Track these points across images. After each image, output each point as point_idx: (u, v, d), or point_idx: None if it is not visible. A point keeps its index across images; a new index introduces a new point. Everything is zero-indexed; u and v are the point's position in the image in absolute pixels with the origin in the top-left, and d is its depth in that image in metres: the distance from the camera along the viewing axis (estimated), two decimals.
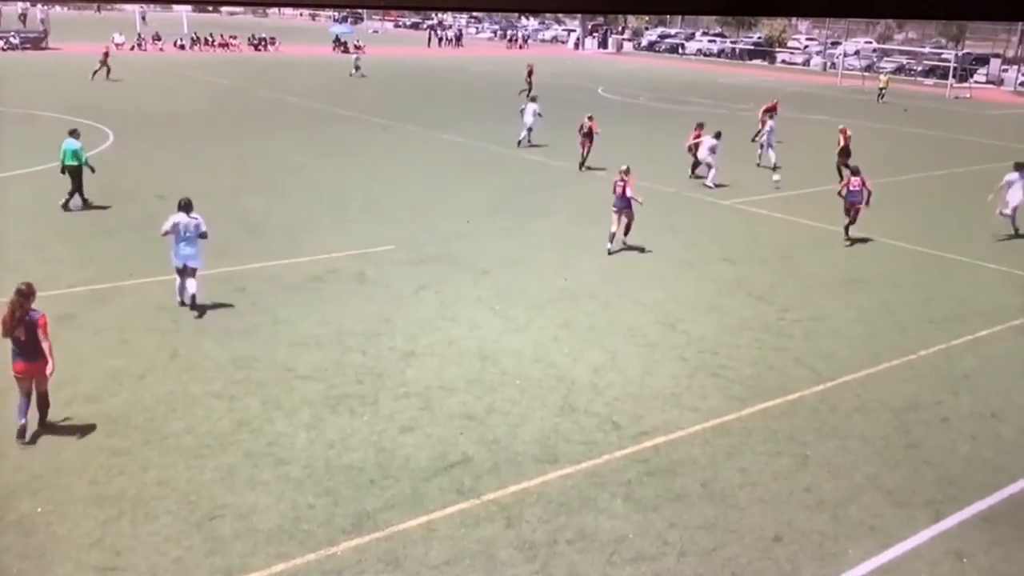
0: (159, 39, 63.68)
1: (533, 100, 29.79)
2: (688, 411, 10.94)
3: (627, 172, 17.63)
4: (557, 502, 8.88)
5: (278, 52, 67.49)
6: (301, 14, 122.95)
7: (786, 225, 20.55)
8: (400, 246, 17.51)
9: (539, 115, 28.87)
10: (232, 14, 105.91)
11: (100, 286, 14.41)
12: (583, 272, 16.36)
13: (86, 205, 19.04)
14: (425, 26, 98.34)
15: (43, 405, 9.88)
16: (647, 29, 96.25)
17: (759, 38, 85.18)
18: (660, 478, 9.40)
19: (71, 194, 18.82)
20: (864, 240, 19.29)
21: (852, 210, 18.99)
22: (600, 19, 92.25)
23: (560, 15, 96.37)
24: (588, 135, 25.70)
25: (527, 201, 21.96)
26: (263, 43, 68.61)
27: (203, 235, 13.34)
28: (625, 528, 8.49)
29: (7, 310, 9.44)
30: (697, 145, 24.91)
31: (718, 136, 24.63)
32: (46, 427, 9.89)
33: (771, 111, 30.93)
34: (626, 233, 17.81)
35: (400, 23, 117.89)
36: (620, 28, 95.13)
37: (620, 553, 8.11)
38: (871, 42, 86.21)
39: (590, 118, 26.00)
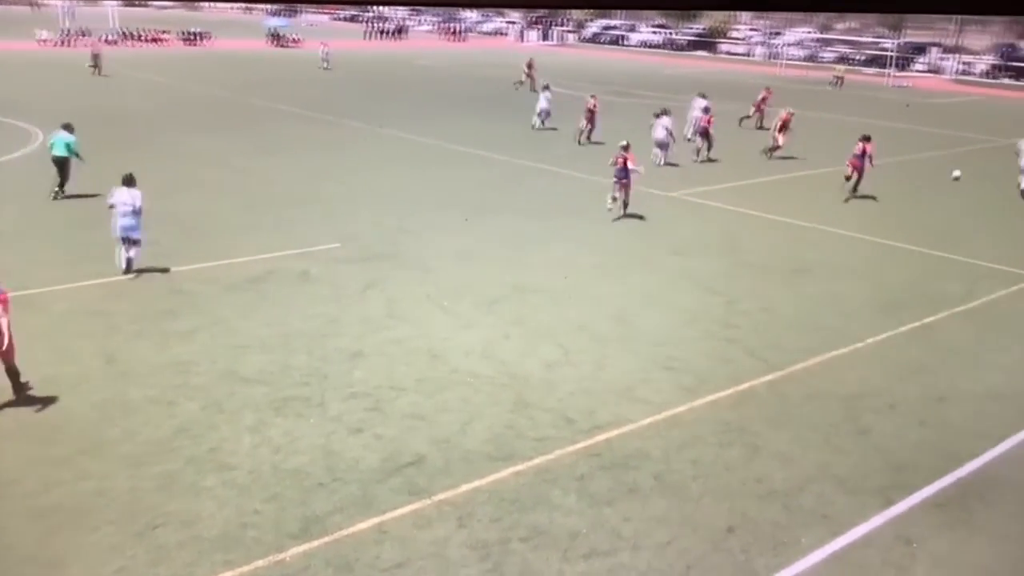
0: (86, 34, 62.15)
1: (546, 88, 33.08)
2: (640, 404, 11.05)
3: (626, 148, 19.61)
4: (510, 500, 8.90)
5: (211, 46, 66.35)
6: (233, 7, 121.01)
7: (733, 216, 20.85)
8: (345, 244, 17.37)
9: (550, 100, 32.36)
10: (162, 8, 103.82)
11: (29, 291, 14.03)
12: (532, 268, 16.41)
13: (57, 197, 19.61)
14: (364, 19, 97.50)
15: (14, 377, 10.40)
16: (589, 21, 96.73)
17: (702, 29, 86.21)
18: (613, 472, 9.48)
19: (61, 183, 19.65)
20: (811, 229, 19.69)
21: (853, 170, 22.63)
22: (542, 11, 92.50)
23: (503, 8, 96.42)
24: (591, 113, 28.65)
25: (474, 197, 21.94)
26: (196, 37, 67.37)
27: (137, 211, 14.58)
28: (579, 524, 8.54)
29: None
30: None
31: (666, 113, 26.49)
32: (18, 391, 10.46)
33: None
34: (626, 200, 19.77)
35: (338, 16, 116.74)
36: (562, 20, 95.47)
37: (574, 549, 8.16)
38: (812, 32, 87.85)
39: (593, 96, 28.44)
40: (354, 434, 10.08)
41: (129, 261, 14.79)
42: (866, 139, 22.98)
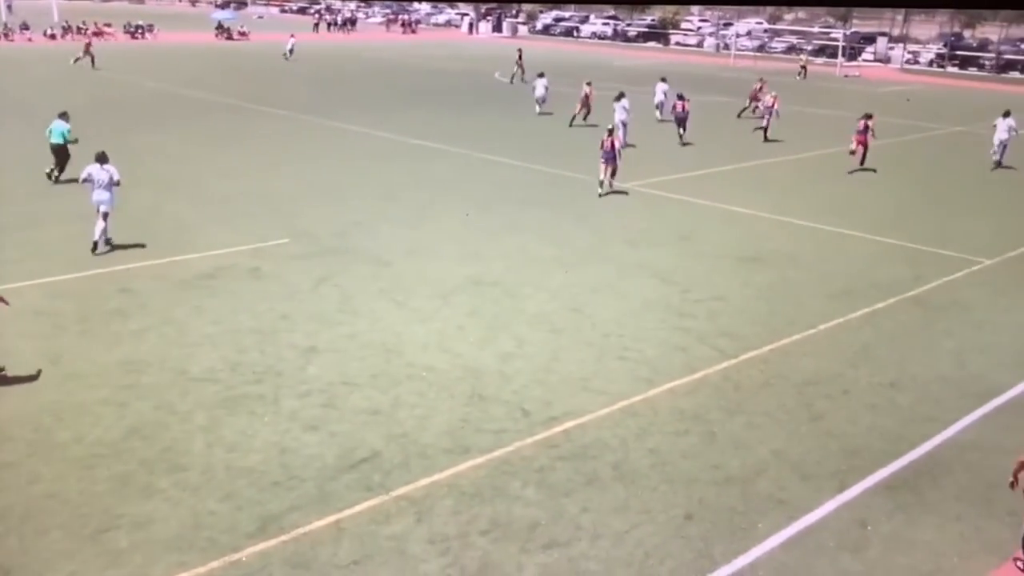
0: (27, 28, 60.66)
1: (541, 76, 34.76)
2: (597, 394, 11.13)
3: (611, 132, 22.13)
4: (469, 493, 8.92)
5: (156, 40, 65.17)
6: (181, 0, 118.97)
7: (686, 206, 21.05)
8: (296, 239, 17.22)
9: (546, 88, 34.31)
10: (105, 0, 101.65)
11: None
12: (487, 259, 16.42)
13: (52, 177, 20.85)
14: (313, 11, 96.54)
15: None
16: (541, 12, 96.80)
17: (652, 20, 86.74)
18: (571, 463, 9.54)
19: (59, 167, 20.81)
20: (763, 218, 19.97)
21: (859, 145, 25.49)
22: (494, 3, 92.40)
23: None
24: (585, 100, 29.53)
25: (427, 190, 21.88)
26: (140, 31, 66.11)
27: (116, 183, 16.11)
28: (538, 515, 8.59)
29: None
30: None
31: (623, 96, 28.15)
32: None
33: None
34: (612, 177, 21.93)
35: (286, 8, 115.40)
36: (515, 11, 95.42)
37: (533, 540, 8.21)
38: (762, 23, 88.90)
39: (588, 84, 29.56)
40: (309, 431, 10.01)
41: (102, 235, 15.99)
42: (867, 116, 25.83)
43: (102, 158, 16.24)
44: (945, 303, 15.03)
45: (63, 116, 20.85)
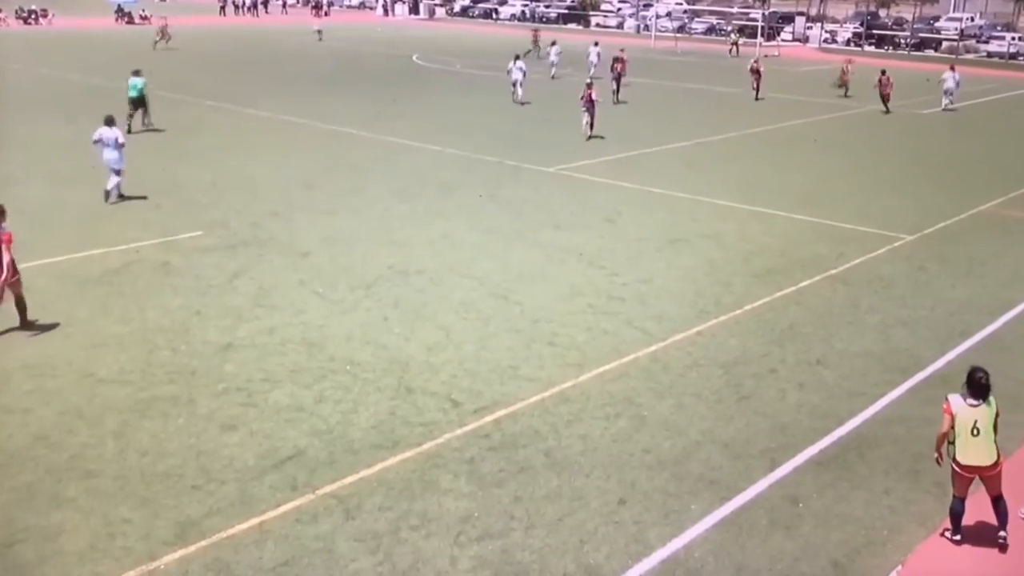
0: None
1: (517, 59, 35.30)
2: (526, 382, 11.16)
3: (590, 84, 27.61)
4: (398, 488, 8.85)
5: (52, 25, 62.90)
6: None
7: (611, 189, 21.24)
8: (208, 232, 16.82)
9: (523, 71, 34.67)
10: None
11: None
12: (410, 247, 16.30)
13: (149, 127, 26.49)
14: None
15: (21, 308, 12.19)
16: None
17: (572, 2, 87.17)
18: (503, 452, 9.54)
19: (131, 117, 25.86)
20: (687, 200, 20.29)
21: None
22: None
23: None
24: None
25: (345, 178, 21.61)
26: (33, 16, 63.75)
27: (121, 144, 18.50)
28: (470, 507, 8.57)
29: None
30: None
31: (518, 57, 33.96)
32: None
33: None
34: (591, 128, 27.04)
35: None
36: None
37: (466, 533, 8.19)
38: (682, 3, 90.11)
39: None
40: (227, 431, 9.80)
41: (115, 188, 18.65)
42: (883, 72, 35.88)
43: (110, 121, 18.69)
44: (868, 279, 15.49)
45: (137, 73, 26.38)
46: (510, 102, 34.43)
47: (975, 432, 7.96)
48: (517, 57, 35.33)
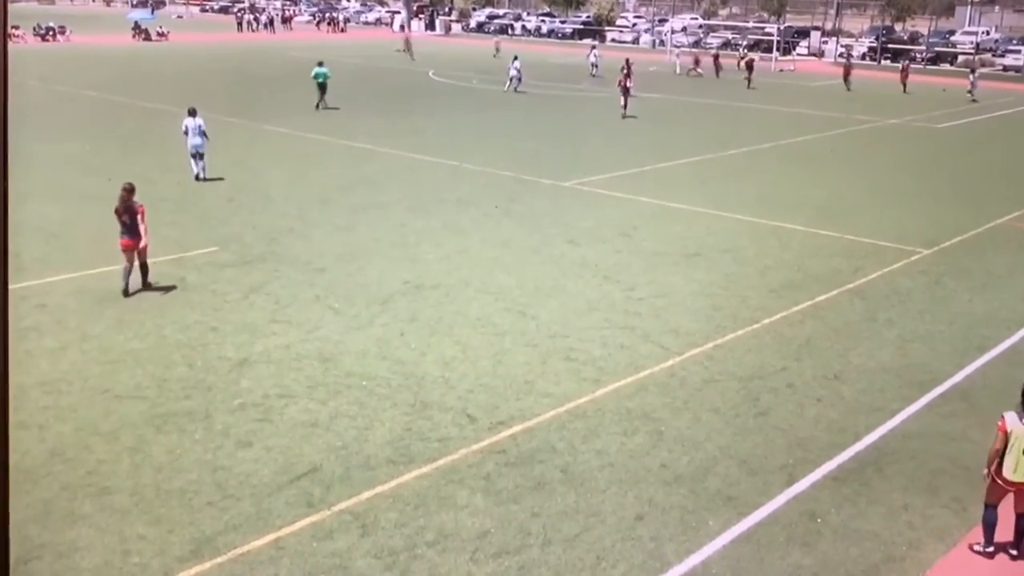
0: None
1: (515, 59, 43.17)
2: (542, 397, 11.13)
3: (623, 69, 35.57)
4: (414, 504, 8.83)
5: (69, 42, 63.59)
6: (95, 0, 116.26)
7: (626, 203, 21.22)
8: (224, 247, 16.90)
9: (519, 70, 42.10)
10: (14, 0, 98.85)
11: None
12: (426, 263, 16.33)
13: (325, 106, 34.45)
14: (236, 10, 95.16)
15: (144, 270, 14.44)
16: (475, 10, 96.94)
17: (588, 17, 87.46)
18: (519, 468, 9.51)
19: (321, 98, 34.49)
20: (703, 214, 20.24)
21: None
22: (426, 0, 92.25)
23: None
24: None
25: (361, 193, 21.68)
26: (51, 33, 64.46)
27: (204, 133, 22.07)
28: (486, 523, 8.54)
29: (119, 201, 14.15)
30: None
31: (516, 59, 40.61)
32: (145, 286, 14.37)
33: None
34: (625, 108, 34.32)
35: (207, 7, 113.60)
36: (447, 9, 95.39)
37: (482, 549, 8.16)
38: (697, 18, 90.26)
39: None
40: (243, 447, 9.81)
41: (202, 170, 22.26)
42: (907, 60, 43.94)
43: (193, 112, 22.02)
44: (885, 293, 15.39)
45: (321, 64, 34.57)
46: (526, 117, 34.55)
47: None
48: (515, 58, 43.19)
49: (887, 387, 11.77)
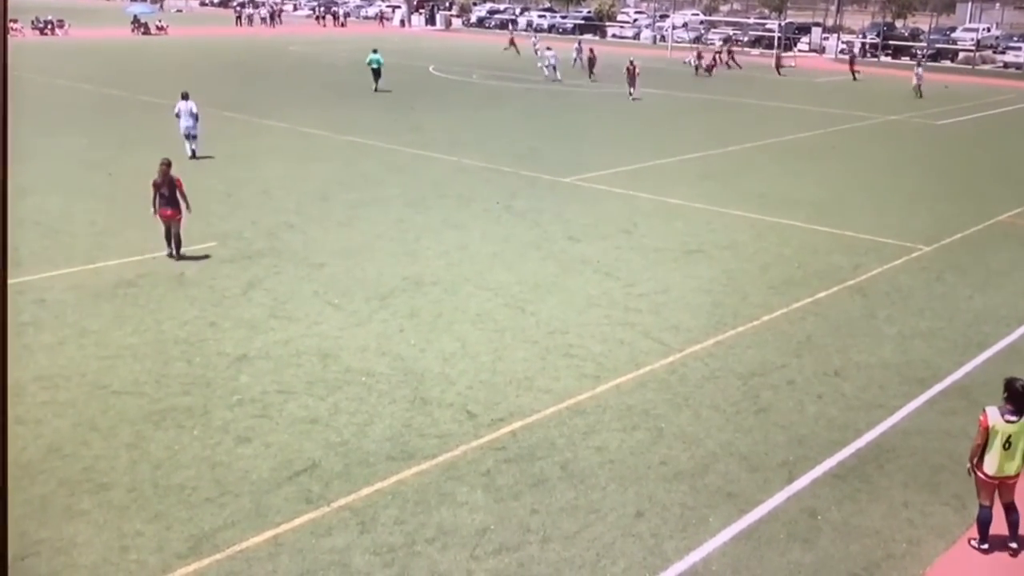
0: None
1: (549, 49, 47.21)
2: (542, 393, 11.10)
3: (632, 61, 39.82)
4: (413, 500, 8.81)
5: (68, 36, 63.49)
6: None
7: (626, 200, 21.19)
8: (223, 242, 16.87)
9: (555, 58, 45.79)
10: None
11: None
12: (425, 258, 16.30)
13: (378, 90, 38.40)
14: (235, 4, 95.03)
15: (178, 242, 15.86)
16: (475, 4, 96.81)
17: (588, 12, 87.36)
18: (519, 464, 9.49)
19: (376, 82, 38.65)
20: (703, 210, 20.21)
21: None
22: None
23: None
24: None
25: (360, 188, 21.64)
26: (50, 26, 64.35)
27: (196, 115, 23.77)
28: (486, 520, 8.52)
29: (158, 175, 15.62)
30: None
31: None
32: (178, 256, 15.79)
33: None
34: (633, 87, 39.07)
35: (207, 1, 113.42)
36: (448, 3, 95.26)
37: (482, 546, 8.14)
38: (698, 14, 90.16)
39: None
40: (242, 443, 9.79)
41: (193, 151, 23.83)
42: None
43: (186, 96, 23.87)
44: (885, 290, 15.37)
45: (375, 51, 38.72)
46: (527, 113, 34.52)
47: (1007, 446, 7.92)
48: (548, 48, 46.99)
49: (887, 384, 11.76)
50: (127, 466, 9.28)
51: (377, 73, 38.56)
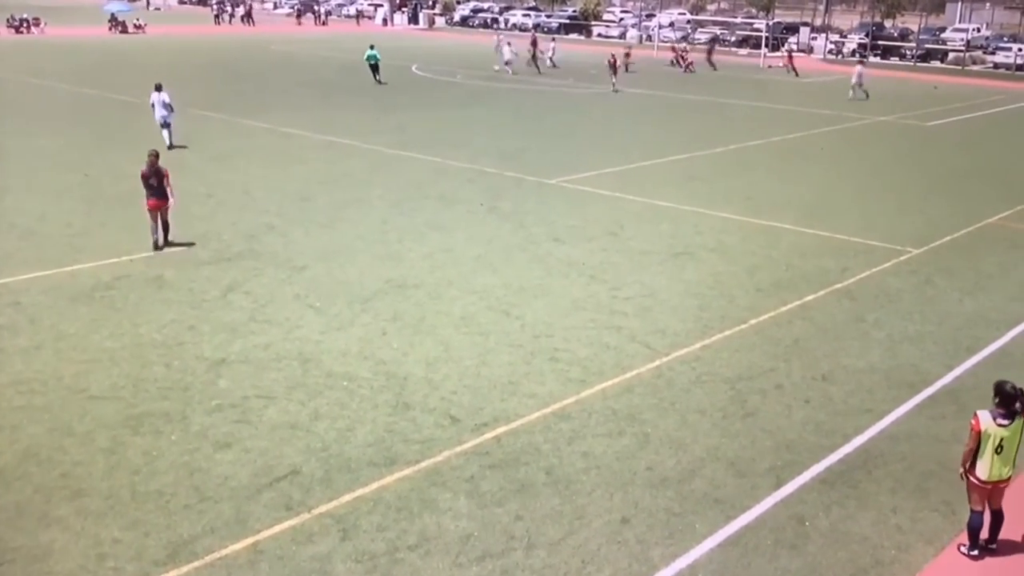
0: None
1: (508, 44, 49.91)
2: (527, 398, 11.13)
3: (614, 55, 43.48)
4: (396, 507, 8.82)
5: (44, 34, 63.13)
6: None
7: (613, 201, 21.25)
8: (202, 244, 16.82)
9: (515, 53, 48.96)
10: None
11: None
12: (408, 261, 16.30)
13: (379, 83, 41.53)
14: (213, 2, 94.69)
15: (166, 229, 16.59)
16: (459, 3, 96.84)
17: (574, 11, 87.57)
18: (503, 470, 9.51)
19: (375, 76, 41.83)
20: (691, 212, 20.30)
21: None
22: None
23: None
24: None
25: (342, 189, 21.62)
26: (26, 25, 63.98)
27: (169, 106, 25.26)
28: (470, 526, 8.54)
29: (146, 166, 16.25)
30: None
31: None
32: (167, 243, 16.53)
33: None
34: (614, 86, 41.90)
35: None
36: (431, 2, 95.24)
37: (466, 553, 8.15)
38: (685, 13, 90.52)
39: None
40: (221, 449, 9.77)
41: (169, 140, 25.34)
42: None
43: (159, 87, 25.38)
44: (874, 294, 15.47)
45: (372, 47, 42.20)
46: (511, 113, 34.56)
47: (999, 450, 8.00)
48: (508, 43, 49.26)
49: (876, 388, 11.84)
50: (104, 472, 9.25)
51: (375, 68, 41.95)
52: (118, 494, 8.87)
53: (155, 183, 16.28)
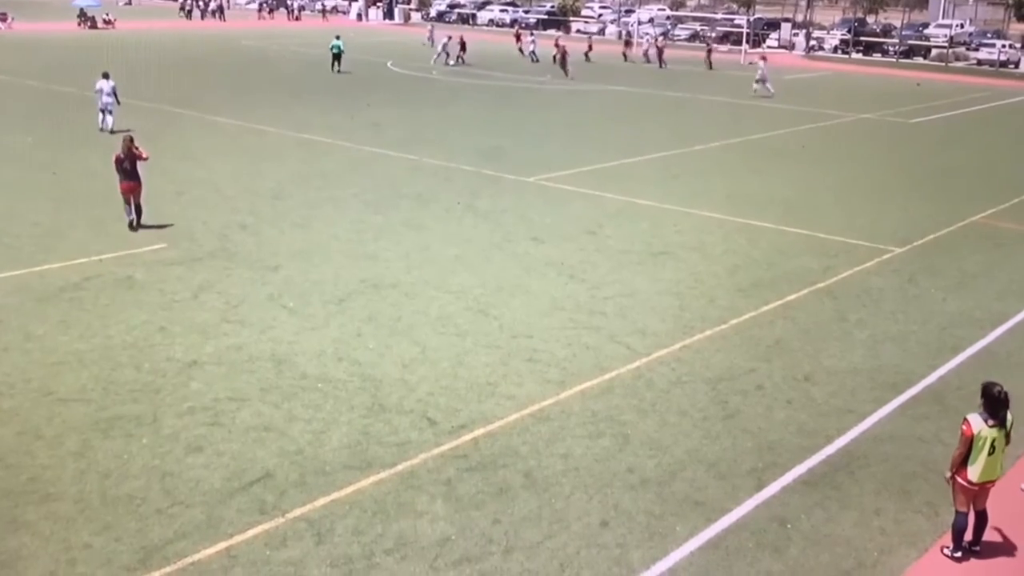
0: None
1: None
2: (505, 400, 11.17)
3: (557, 44, 47.36)
4: (372, 511, 8.83)
5: (12, 29, 62.55)
6: None
7: (592, 200, 21.33)
8: (173, 244, 16.75)
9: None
10: None
11: None
12: (384, 260, 16.30)
13: (339, 72, 43.46)
14: None
15: (139, 211, 17.51)
16: None
17: (552, 7, 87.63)
18: (481, 473, 9.54)
19: (334, 65, 43.95)
20: (671, 211, 20.41)
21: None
22: None
23: None
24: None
25: (316, 188, 21.58)
26: None
27: (114, 93, 26.84)
28: (447, 530, 8.57)
29: (121, 151, 17.15)
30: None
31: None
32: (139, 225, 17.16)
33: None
34: (566, 75, 43.82)
35: None
36: None
37: (443, 557, 8.18)
38: (664, 9, 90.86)
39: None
40: (193, 452, 9.75)
41: (111, 126, 26.51)
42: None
43: (107, 75, 26.81)
44: (857, 293, 15.62)
45: (338, 37, 44.53)
46: (489, 110, 34.59)
47: (991, 452, 8.12)
48: (449, 37, 51.25)
49: (858, 389, 11.96)
50: (74, 476, 9.21)
51: (337, 58, 43.97)
52: (88, 498, 8.84)
53: (128, 167, 17.04)
